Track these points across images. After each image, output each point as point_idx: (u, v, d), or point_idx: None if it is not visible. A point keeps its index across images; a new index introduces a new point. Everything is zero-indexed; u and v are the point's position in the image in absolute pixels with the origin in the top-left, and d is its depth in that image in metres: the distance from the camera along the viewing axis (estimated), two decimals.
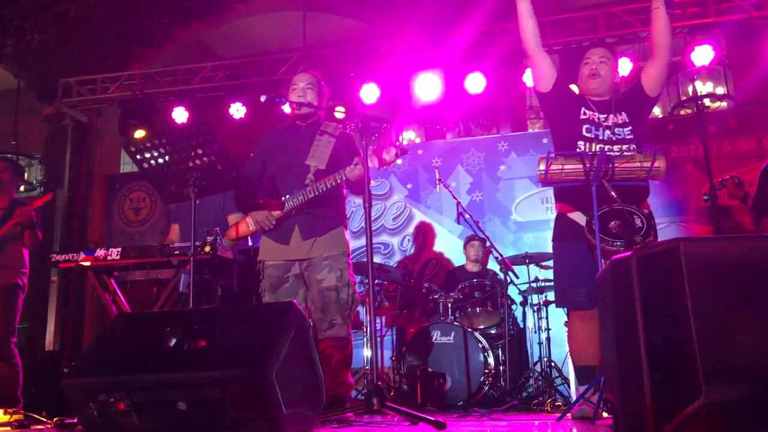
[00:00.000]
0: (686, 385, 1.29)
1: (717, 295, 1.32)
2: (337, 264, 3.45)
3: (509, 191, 6.93)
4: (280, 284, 3.52)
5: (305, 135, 3.65)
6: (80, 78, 8.20)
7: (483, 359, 5.22)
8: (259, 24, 9.27)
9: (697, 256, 1.34)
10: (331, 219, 3.53)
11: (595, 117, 3.32)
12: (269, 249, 3.57)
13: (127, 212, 8.19)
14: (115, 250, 4.02)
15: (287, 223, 3.51)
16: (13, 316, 4.74)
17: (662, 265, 1.38)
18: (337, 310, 3.39)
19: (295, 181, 3.52)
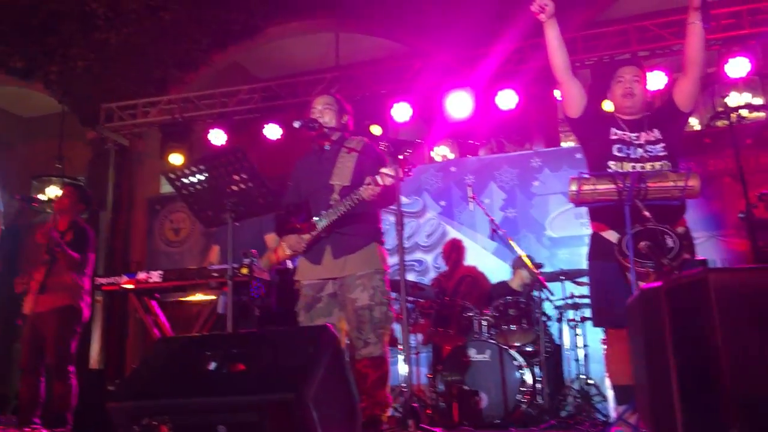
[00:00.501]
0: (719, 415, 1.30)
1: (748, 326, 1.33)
2: (370, 282, 3.44)
3: (543, 207, 6.91)
4: (314, 303, 3.55)
5: (330, 155, 3.68)
6: (122, 103, 8.45)
7: (519, 377, 5.19)
8: (293, 46, 9.45)
9: (727, 287, 1.35)
10: (362, 236, 3.53)
11: (626, 136, 3.31)
12: (304, 269, 3.63)
13: (167, 233, 8.38)
14: (156, 273, 4.14)
15: (319, 244, 3.55)
16: (67, 338, 4.81)
17: (692, 296, 1.40)
18: (371, 328, 3.39)
19: (321, 202, 3.56)
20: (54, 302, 4.81)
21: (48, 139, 10.21)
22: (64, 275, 4.87)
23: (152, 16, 9.02)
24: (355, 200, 3.37)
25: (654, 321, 1.46)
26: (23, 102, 10.95)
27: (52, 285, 4.83)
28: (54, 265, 4.85)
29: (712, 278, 1.36)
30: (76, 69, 9.12)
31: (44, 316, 4.80)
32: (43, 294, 4.81)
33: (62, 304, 4.82)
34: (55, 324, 4.77)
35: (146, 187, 8.84)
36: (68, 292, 4.87)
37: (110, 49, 9.04)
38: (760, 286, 1.38)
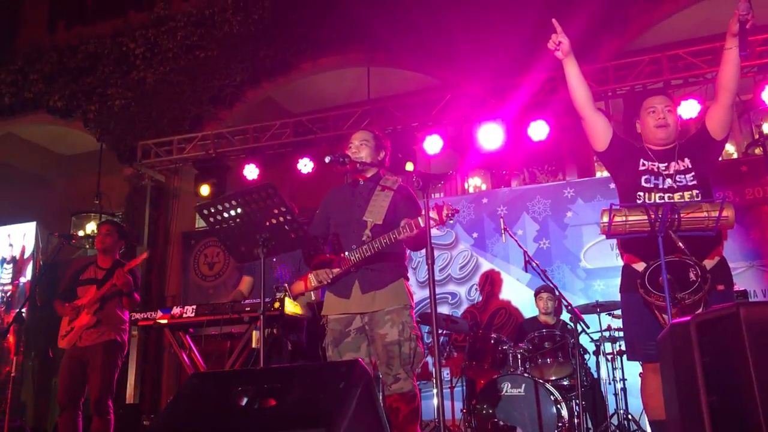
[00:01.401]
0: None
1: None
2: (399, 318, 3.44)
3: (577, 238, 6.84)
4: (342, 338, 3.54)
5: (364, 190, 3.69)
6: (157, 140, 8.64)
7: (556, 411, 5.09)
8: (325, 80, 9.59)
9: (758, 322, 1.32)
10: (390, 272, 3.54)
11: (654, 167, 3.27)
12: (331, 303, 3.62)
13: (202, 267, 8.47)
14: (190, 307, 4.18)
15: (347, 278, 3.55)
16: (112, 372, 4.96)
17: (723, 331, 1.37)
18: (400, 364, 3.38)
19: (352, 237, 3.55)
20: (100, 336, 4.97)
21: (87, 176, 10.48)
22: (114, 313, 5.02)
23: (187, 55, 9.27)
24: (392, 239, 3.38)
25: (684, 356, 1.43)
26: (63, 140, 11.28)
27: (103, 321, 4.97)
28: (108, 303, 5.00)
29: (743, 313, 1.33)
30: (113, 107, 9.38)
31: (90, 350, 4.92)
32: (91, 329, 4.94)
33: (108, 339, 4.97)
34: (101, 358, 4.89)
35: (182, 222, 8.97)
36: (114, 327, 5.03)
37: (146, 87, 9.29)
38: None
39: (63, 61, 9.82)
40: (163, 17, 9.56)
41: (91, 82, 9.65)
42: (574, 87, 3.38)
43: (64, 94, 9.71)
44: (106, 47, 9.71)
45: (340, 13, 8.55)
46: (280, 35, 8.98)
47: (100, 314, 4.95)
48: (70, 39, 10.07)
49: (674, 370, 1.51)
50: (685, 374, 1.41)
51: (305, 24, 8.88)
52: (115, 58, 9.61)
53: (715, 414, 1.33)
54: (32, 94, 9.89)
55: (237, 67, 9.05)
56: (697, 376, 1.37)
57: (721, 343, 1.36)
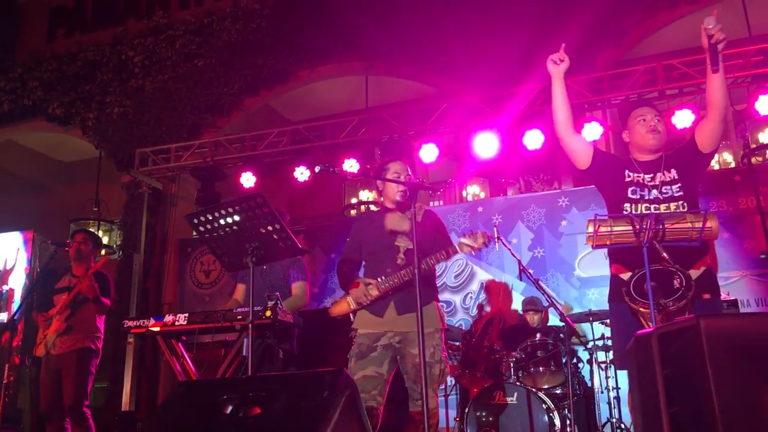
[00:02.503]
0: None
1: (740, 374, 1.32)
2: (431, 341, 3.61)
3: (571, 247, 6.86)
4: (368, 352, 3.69)
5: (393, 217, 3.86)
6: (155, 148, 8.67)
7: (548, 420, 5.10)
8: (323, 89, 9.63)
9: (719, 333, 1.34)
10: (424, 296, 3.61)
11: (639, 178, 3.31)
12: (364, 319, 3.77)
13: (198, 275, 8.49)
14: (183, 315, 4.21)
15: (384, 299, 3.73)
16: (86, 379, 5.00)
17: (684, 342, 1.39)
18: (429, 383, 3.51)
19: (387, 261, 3.76)
20: (74, 344, 5.02)
21: (85, 183, 10.52)
22: (87, 319, 5.07)
23: (186, 63, 9.31)
24: (430, 264, 3.62)
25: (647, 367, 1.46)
26: (62, 147, 11.33)
27: (74, 328, 5.00)
28: (78, 309, 5.04)
29: (704, 325, 1.35)
30: (112, 115, 9.43)
31: (64, 357, 4.97)
32: (63, 336, 4.98)
33: (81, 346, 5.01)
34: (74, 365, 4.94)
35: (179, 230, 9.00)
36: (87, 334, 5.07)
37: (145, 95, 9.33)
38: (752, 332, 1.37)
39: (62, 68, 9.87)
40: (161, 26, 9.61)
41: (90, 89, 9.70)
42: (558, 108, 3.41)
43: (63, 102, 9.75)
44: (105, 55, 9.76)
45: (339, 22, 8.60)
46: (278, 44, 9.03)
47: (71, 321, 5.00)
48: (69, 47, 10.12)
49: (638, 380, 1.54)
50: (648, 385, 1.43)
51: (303, 33, 8.93)
52: (113, 66, 9.66)
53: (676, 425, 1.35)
54: (31, 102, 9.93)
55: (235, 75, 9.09)
56: (658, 386, 1.39)
57: (683, 355, 1.39)
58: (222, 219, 3.24)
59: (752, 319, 1.43)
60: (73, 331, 5.03)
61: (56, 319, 5.03)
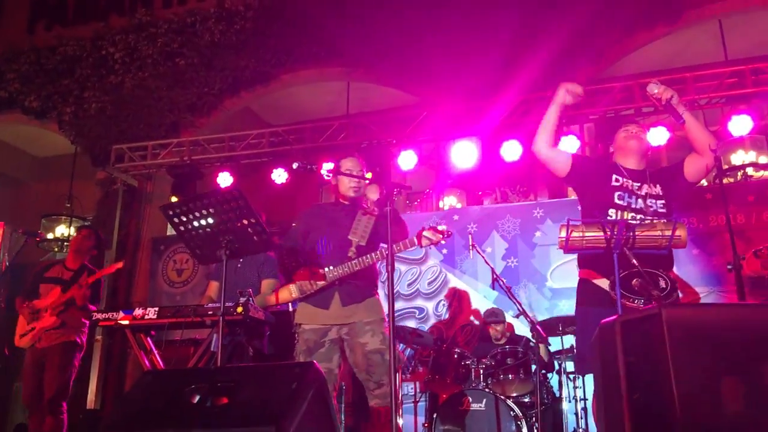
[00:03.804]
0: None
1: (700, 361, 1.35)
2: (378, 328, 3.66)
3: (544, 258, 6.92)
4: (316, 348, 3.67)
5: (348, 212, 3.90)
6: (132, 144, 8.61)
7: (515, 428, 5.13)
8: (304, 94, 9.65)
9: (679, 323, 1.38)
10: (367, 288, 3.77)
11: (628, 184, 3.37)
12: (308, 313, 3.75)
13: (170, 273, 8.42)
14: (153, 309, 4.17)
15: (328, 291, 3.72)
16: (69, 372, 5.00)
17: (646, 331, 1.42)
18: (384, 371, 3.55)
19: (338, 254, 3.75)
20: (59, 337, 5.00)
21: (60, 179, 10.40)
22: (75, 315, 5.05)
23: (167, 61, 9.27)
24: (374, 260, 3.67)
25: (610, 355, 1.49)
26: (38, 142, 11.18)
27: (64, 323, 4.99)
28: (71, 308, 5.01)
29: (665, 313, 1.39)
30: (89, 111, 9.33)
31: (49, 350, 4.93)
32: (51, 330, 4.95)
33: (67, 339, 4.99)
34: (59, 358, 4.91)
35: (152, 228, 8.91)
36: (75, 329, 5.08)
37: (124, 92, 9.26)
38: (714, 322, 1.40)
39: (41, 61, 9.75)
40: (144, 23, 9.55)
41: (69, 84, 9.59)
42: (547, 130, 3.52)
43: (41, 95, 9.63)
44: (86, 50, 9.67)
45: (322, 27, 8.62)
46: (261, 46, 9.02)
47: (63, 316, 4.98)
48: (49, 40, 10.01)
49: (601, 369, 1.56)
50: (611, 373, 1.46)
51: (287, 36, 8.94)
52: (93, 62, 9.57)
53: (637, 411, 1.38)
54: (8, 94, 9.79)
55: (216, 75, 9.06)
56: (620, 373, 1.42)
57: (645, 343, 1.42)
58: (197, 211, 3.23)
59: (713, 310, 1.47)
60: (61, 326, 5.05)
61: (48, 312, 4.99)
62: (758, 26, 8.26)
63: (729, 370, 1.36)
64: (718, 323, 1.40)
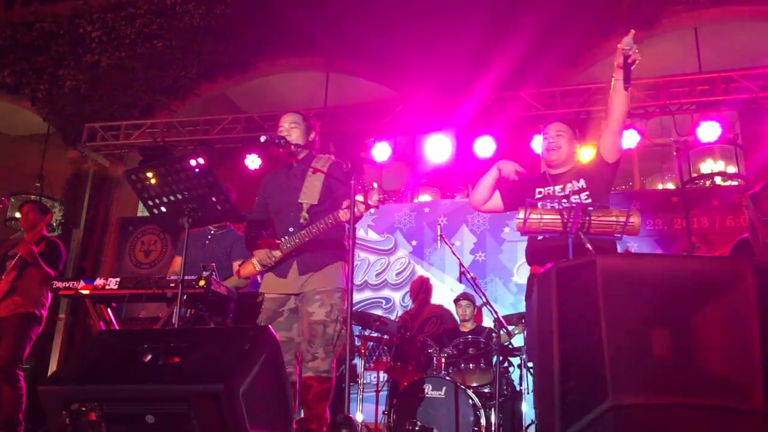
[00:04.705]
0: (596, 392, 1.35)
1: (631, 310, 1.39)
2: (328, 299, 3.54)
3: (512, 253, 6.99)
4: (275, 317, 3.62)
5: (298, 172, 3.79)
6: (105, 123, 8.54)
7: (474, 417, 5.17)
8: (282, 82, 9.63)
9: (613, 271, 1.42)
10: (327, 255, 3.65)
11: (550, 191, 3.53)
12: (268, 282, 3.71)
13: (138, 254, 8.36)
14: (114, 280, 4.14)
15: (288, 260, 3.66)
16: (23, 342, 4.93)
17: (581, 279, 1.46)
18: (322, 343, 3.47)
19: (289, 220, 3.66)
20: (17, 308, 4.95)
21: (30, 158, 10.25)
22: (33, 285, 5.00)
23: (145, 43, 9.20)
24: (328, 224, 3.49)
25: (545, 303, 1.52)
26: (9, 119, 11.01)
27: (18, 292, 4.92)
28: (23, 274, 4.97)
29: (600, 262, 1.42)
30: (63, 89, 9.24)
31: (5, 320, 4.90)
32: (8, 299, 4.90)
33: (25, 311, 4.94)
34: (14, 327, 4.85)
35: (122, 209, 8.85)
36: (33, 300, 5.01)
37: (100, 71, 9.18)
38: (647, 272, 1.45)
39: (16, 36, 9.62)
40: (123, 3, 9.46)
41: (44, 61, 9.48)
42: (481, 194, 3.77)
43: (15, 70, 9.51)
44: (62, 27, 9.56)
45: (301, 17, 8.62)
46: (240, 33, 9.00)
47: (16, 283, 4.94)
48: (25, 16, 9.89)
49: (537, 316, 1.60)
50: (545, 319, 1.50)
51: (267, 24, 8.92)
52: (70, 39, 9.47)
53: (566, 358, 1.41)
54: None
55: (194, 59, 9.02)
56: (552, 322, 1.46)
57: (579, 291, 1.45)
58: (161, 177, 3.22)
59: (648, 260, 1.52)
60: (16, 293, 4.98)
61: (3, 280, 4.95)
62: (733, 38, 8.41)
63: (659, 319, 1.40)
64: (651, 273, 1.44)
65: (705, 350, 1.37)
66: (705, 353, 1.37)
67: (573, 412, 1.36)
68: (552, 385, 1.41)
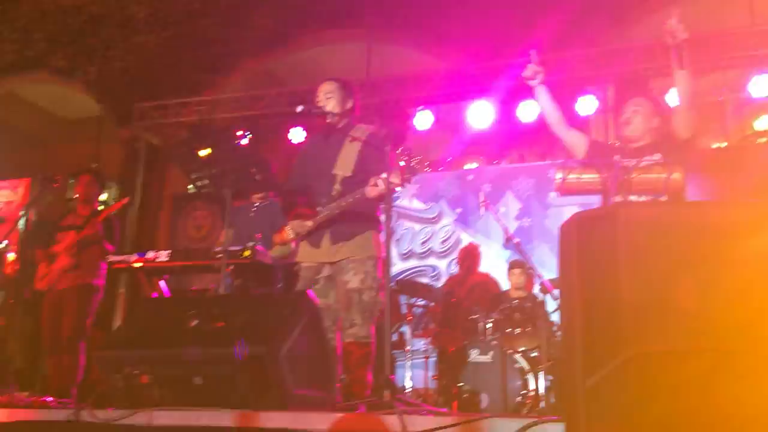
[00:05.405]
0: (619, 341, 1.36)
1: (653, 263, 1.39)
2: (362, 267, 3.56)
3: (558, 218, 6.88)
4: (311, 285, 3.65)
5: (335, 142, 3.77)
6: (154, 103, 8.74)
7: (522, 382, 5.19)
8: (325, 54, 9.62)
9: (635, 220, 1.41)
10: (360, 224, 3.64)
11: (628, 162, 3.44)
12: (304, 251, 3.76)
13: (190, 230, 8.59)
14: (165, 252, 4.28)
15: (321, 229, 3.67)
16: (85, 314, 5.09)
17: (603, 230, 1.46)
18: (358, 310, 3.51)
19: (323, 191, 3.66)
20: (76, 279, 5.10)
21: (86, 140, 10.61)
22: (91, 258, 5.16)
23: (189, 21, 9.33)
24: (357, 199, 3.49)
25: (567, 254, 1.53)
26: (64, 103, 11.37)
27: (80, 265, 5.10)
28: (85, 249, 5.14)
29: (621, 211, 1.43)
30: (113, 70, 9.47)
31: (66, 292, 5.06)
32: (69, 272, 5.08)
33: (83, 282, 5.10)
34: (76, 299, 5.03)
35: (173, 185, 9.08)
36: (91, 272, 5.17)
37: (147, 51, 9.37)
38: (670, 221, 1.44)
39: (67, 21, 9.87)
40: None
41: (94, 43, 9.71)
42: (546, 111, 3.64)
43: (67, 54, 9.77)
44: (110, 10, 9.75)
45: None
46: (282, 7, 9.04)
47: (77, 258, 5.08)
48: (74, 0, 10.12)
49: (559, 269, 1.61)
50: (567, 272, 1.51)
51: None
52: (117, 21, 9.67)
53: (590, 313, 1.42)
54: (35, 53, 9.96)
55: (237, 36, 9.11)
56: (573, 273, 1.46)
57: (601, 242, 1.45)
58: (204, 153, 3.31)
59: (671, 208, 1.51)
60: (77, 268, 5.11)
61: (63, 255, 5.13)
62: None
63: (683, 267, 1.39)
64: (675, 221, 1.43)
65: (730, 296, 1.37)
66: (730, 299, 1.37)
67: (595, 362, 1.38)
68: (574, 335, 1.43)
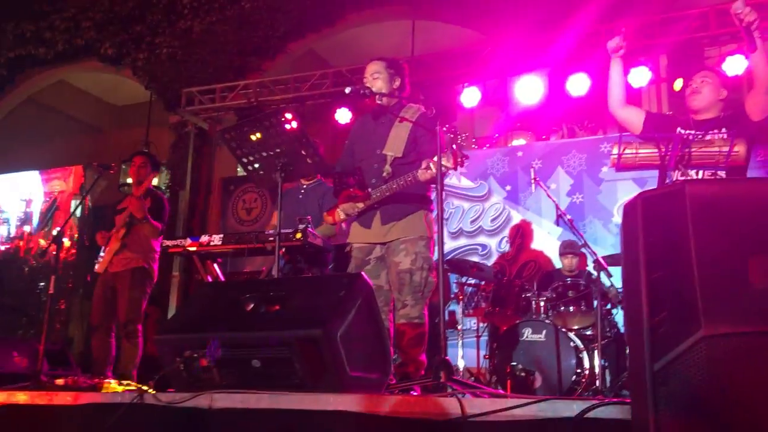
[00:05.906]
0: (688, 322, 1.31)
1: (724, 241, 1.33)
2: (413, 248, 3.54)
3: (611, 193, 6.77)
4: (363, 266, 3.68)
5: (385, 122, 3.75)
6: (201, 87, 8.83)
7: (576, 360, 5.13)
8: (369, 33, 9.58)
9: (704, 199, 1.35)
10: (411, 204, 3.62)
11: (692, 135, 3.32)
12: (355, 232, 3.77)
13: (240, 212, 8.71)
14: (218, 236, 4.33)
15: (371, 210, 3.68)
16: (140, 297, 5.12)
17: (668, 208, 1.40)
18: (410, 291, 3.50)
19: (373, 172, 3.66)
20: (128, 263, 5.14)
21: (136, 127, 10.81)
22: (142, 239, 5.20)
23: (234, 5, 9.38)
24: (408, 182, 3.47)
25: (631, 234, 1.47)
26: (114, 90, 11.62)
27: (128, 247, 5.16)
28: (133, 228, 5.19)
29: (689, 189, 1.36)
30: (161, 56, 9.60)
31: (120, 275, 5.12)
32: (119, 254, 5.14)
33: (136, 265, 5.14)
34: (128, 283, 5.07)
35: (222, 169, 9.20)
36: (143, 254, 5.19)
37: (193, 36, 9.46)
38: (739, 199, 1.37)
39: (114, 9, 10.02)
40: None
41: (141, 30, 9.85)
42: (614, 85, 3.58)
43: (115, 42, 9.93)
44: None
45: None
46: None
47: (126, 239, 5.12)
48: None
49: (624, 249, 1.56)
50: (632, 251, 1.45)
51: None
52: (163, 7, 9.77)
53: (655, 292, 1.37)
54: (84, 42, 10.14)
55: (281, 18, 9.12)
56: (639, 252, 1.41)
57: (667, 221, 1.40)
58: (252, 135, 3.32)
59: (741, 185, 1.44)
60: (127, 249, 5.14)
61: (113, 237, 5.19)
62: None
63: (754, 246, 1.33)
64: (745, 198, 1.37)
65: None
66: None
67: (663, 345, 1.33)
68: (640, 317, 1.38)
